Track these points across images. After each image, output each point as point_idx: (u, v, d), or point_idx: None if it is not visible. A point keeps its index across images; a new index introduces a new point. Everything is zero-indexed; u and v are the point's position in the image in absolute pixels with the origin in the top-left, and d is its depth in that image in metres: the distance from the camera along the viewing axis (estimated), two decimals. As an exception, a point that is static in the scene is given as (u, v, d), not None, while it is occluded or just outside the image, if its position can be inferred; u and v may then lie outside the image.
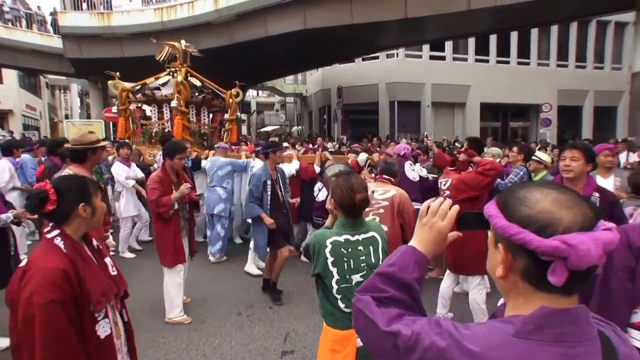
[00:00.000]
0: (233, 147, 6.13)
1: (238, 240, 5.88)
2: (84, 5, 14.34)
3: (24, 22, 15.73)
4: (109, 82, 6.49)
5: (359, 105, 19.29)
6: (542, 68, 20.47)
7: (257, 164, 4.88)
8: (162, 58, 6.45)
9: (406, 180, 4.17)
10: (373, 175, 4.60)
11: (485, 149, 5.54)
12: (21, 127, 21.25)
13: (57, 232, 1.37)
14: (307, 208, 4.97)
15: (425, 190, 4.47)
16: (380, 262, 1.80)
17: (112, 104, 23.22)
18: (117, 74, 6.45)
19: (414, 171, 4.31)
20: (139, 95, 6.39)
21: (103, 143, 3.14)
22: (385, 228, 2.79)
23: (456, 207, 0.90)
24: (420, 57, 18.73)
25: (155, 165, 5.63)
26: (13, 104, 21.48)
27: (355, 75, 18.96)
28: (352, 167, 4.88)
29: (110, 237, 4.17)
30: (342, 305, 1.75)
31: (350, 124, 19.57)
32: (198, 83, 6.47)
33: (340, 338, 1.76)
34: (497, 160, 4.94)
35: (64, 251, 1.34)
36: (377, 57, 18.42)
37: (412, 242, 0.93)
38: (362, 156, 5.04)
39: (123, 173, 5.18)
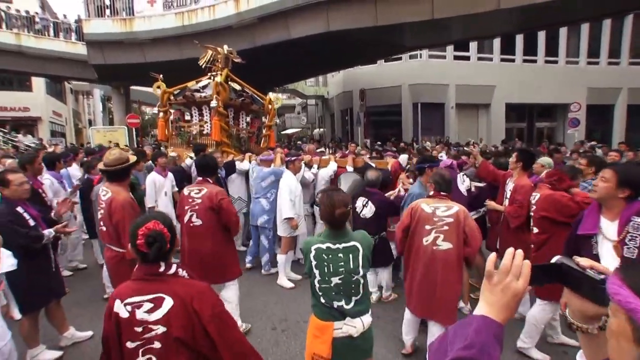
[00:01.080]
0: (270, 151, 6.03)
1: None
2: (107, 11, 14.54)
3: (51, 31, 16.13)
4: (153, 84, 6.42)
5: (381, 107, 18.99)
6: (571, 66, 19.66)
7: (284, 175, 4.65)
8: (204, 63, 6.35)
9: (459, 194, 3.78)
10: (411, 180, 4.33)
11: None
12: (49, 134, 21.82)
13: (175, 265, 1.47)
14: None
15: (469, 203, 4.09)
16: (360, 269, 2.02)
17: (134, 109, 23.75)
18: (160, 76, 6.39)
19: (464, 184, 3.99)
20: (179, 98, 6.36)
21: (134, 158, 3.09)
22: (449, 245, 2.62)
23: (528, 263, 0.78)
24: (444, 57, 18.28)
25: (188, 162, 5.57)
26: (41, 111, 22.12)
27: (377, 77, 18.67)
28: (394, 169, 4.59)
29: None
30: (323, 301, 2.05)
31: (372, 126, 19.26)
32: (238, 87, 6.40)
33: (320, 326, 2.06)
34: (547, 170, 4.61)
35: (187, 278, 1.48)
36: (399, 58, 18.07)
37: (483, 309, 0.80)
38: (404, 157, 4.90)
39: (152, 186, 5.02)
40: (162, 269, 1.43)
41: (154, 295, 1.39)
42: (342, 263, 2.00)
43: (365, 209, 3.88)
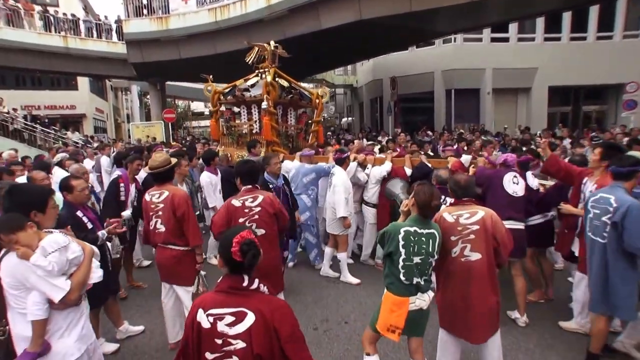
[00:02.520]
0: (320, 149, 5.99)
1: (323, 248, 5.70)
2: (144, 11, 15.08)
3: (94, 32, 16.99)
4: (204, 85, 6.54)
5: (412, 94, 18.53)
6: (629, 41, 17.85)
7: (337, 172, 4.53)
8: (251, 60, 6.32)
9: (504, 195, 3.46)
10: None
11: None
12: (92, 130, 23.19)
13: (257, 280, 1.50)
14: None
15: (540, 204, 3.76)
16: (435, 253, 2.39)
17: (170, 104, 24.39)
18: (211, 76, 6.50)
19: (517, 184, 3.55)
20: (229, 97, 6.44)
21: (175, 161, 3.19)
22: (478, 255, 2.46)
23: None
24: (480, 40, 17.46)
25: None
26: (86, 109, 23.53)
27: (408, 64, 18.20)
28: (455, 170, 4.23)
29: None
30: (403, 278, 2.36)
31: (402, 114, 18.88)
32: (286, 84, 6.31)
33: (398, 302, 2.37)
34: None
35: (268, 294, 1.51)
36: (432, 43, 17.49)
37: None
38: (466, 157, 4.59)
39: (209, 186, 5.11)
40: (245, 283, 1.46)
41: (237, 309, 1.41)
42: (425, 246, 2.36)
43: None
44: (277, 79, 6.13)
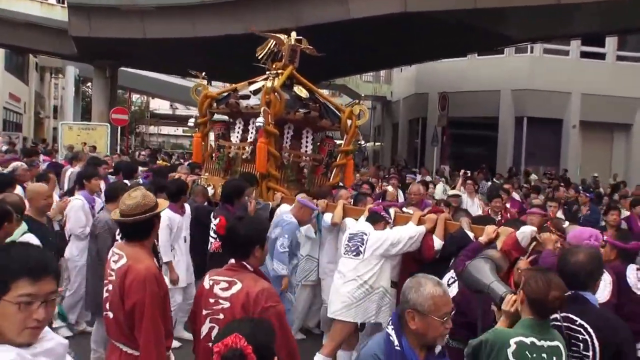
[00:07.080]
0: (333, 190, 6.02)
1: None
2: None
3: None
4: (193, 87, 6.81)
5: (468, 119, 19.08)
6: None
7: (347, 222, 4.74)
8: (262, 57, 6.43)
9: (629, 296, 3.50)
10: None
11: None
12: (0, 124, 22.95)
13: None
14: None
15: None
16: None
17: (122, 99, 24.30)
18: (204, 73, 6.69)
19: None
20: (222, 106, 6.48)
21: (165, 204, 3.04)
22: None
23: None
24: (566, 53, 18.24)
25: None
26: (-7, 94, 23.46)
27: (465, 77, 18.81)
28: (506, 251, 3.70)
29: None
30: None
31: (452, 143, 19.28)
32: (305, 94, 6.25)
33: None
34: None
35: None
36: (501, 52, 18.19)
37: None
38: (527, 230, 3.93)
39: (167, 232, 5.00)
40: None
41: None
42: None
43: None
44: (293, 85, 6.21)
